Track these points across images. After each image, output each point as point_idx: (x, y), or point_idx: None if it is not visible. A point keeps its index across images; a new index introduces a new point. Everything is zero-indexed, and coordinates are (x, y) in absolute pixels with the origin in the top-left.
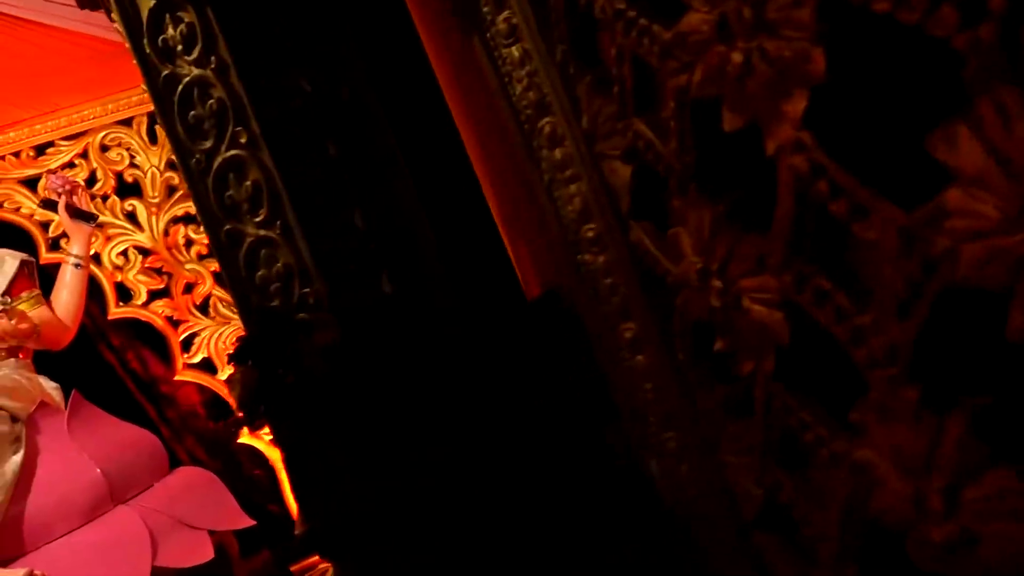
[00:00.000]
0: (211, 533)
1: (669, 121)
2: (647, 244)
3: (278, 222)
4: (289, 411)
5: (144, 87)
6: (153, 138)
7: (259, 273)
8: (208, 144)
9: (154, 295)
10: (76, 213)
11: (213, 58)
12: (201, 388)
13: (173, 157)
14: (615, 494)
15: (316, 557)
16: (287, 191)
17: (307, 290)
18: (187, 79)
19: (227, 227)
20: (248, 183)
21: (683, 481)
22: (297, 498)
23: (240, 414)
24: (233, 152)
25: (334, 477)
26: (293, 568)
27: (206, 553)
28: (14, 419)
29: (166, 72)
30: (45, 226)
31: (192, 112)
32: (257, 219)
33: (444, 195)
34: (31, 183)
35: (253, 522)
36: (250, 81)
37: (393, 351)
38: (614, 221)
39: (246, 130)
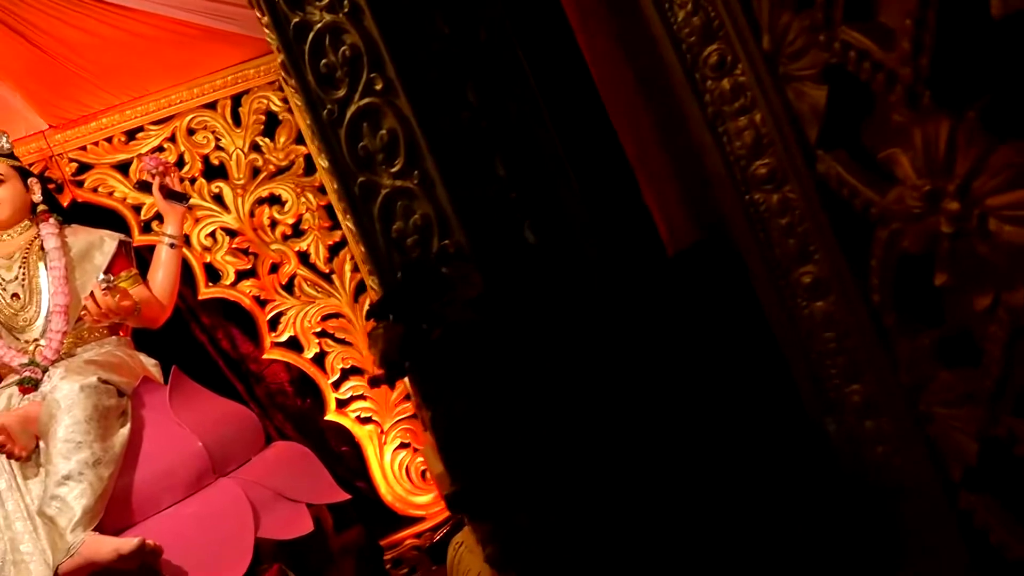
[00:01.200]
0: (308, 507)
1: (905, 19)
2: (842, 175)
3: (415, 172)
4: (435, 367)
5: (272, 38)
6: (237, 121)
7: (395, 226)
8: (341, 93)
9: (241, 275)
10: (170, 194)
11: (346, 2)
12: (288, 366)
13: (257, 139)
14: (785, 458)
15: (405, 532)
16: (425, 139)
17: (447, 241)
18: (319, 26)
19: (361, 179)
20: (383, 132)
21: (869, 439)
22: (444, 458)
23: (381, 371)
24: (367, 100)
25: (481, 436)
26: (383, 543)
27: (306, 525)
28: (120, 393)
29: (296, 20)
30: (137, 209)
31: (324, 60)
32: (393, 169)
33: (582, 141)
34: (123, 167)
35: (348, 496)
36: (385, 25)
37: (539, 303)
38: (796, 153)
39: (381, 76)
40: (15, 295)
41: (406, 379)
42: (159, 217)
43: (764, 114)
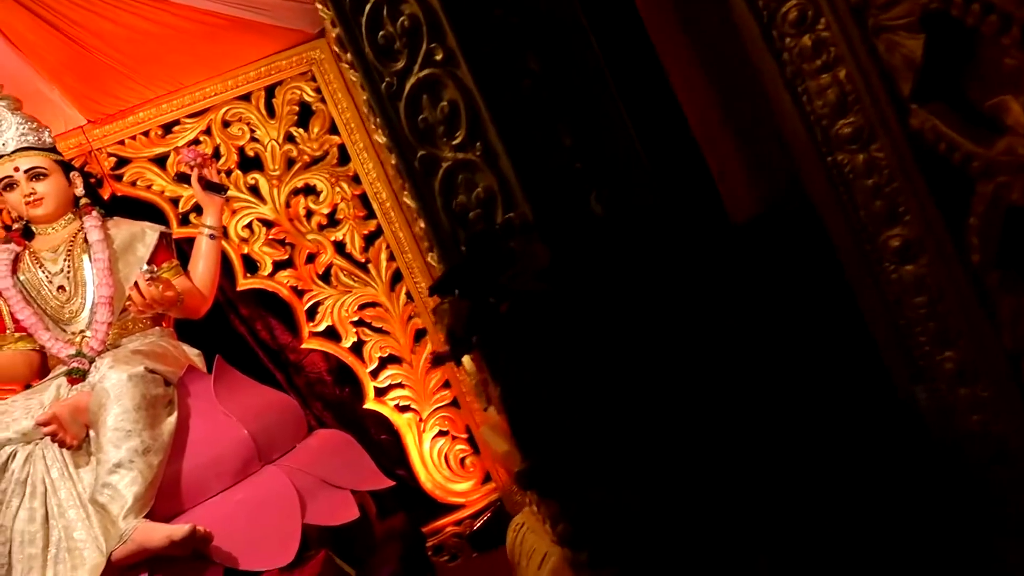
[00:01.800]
0: (352, 494)
1: None
2: (939, 128)
3: (478, 143)
4: (503, 341)
5: (326, 12)
6: (271, 112)
7: (457, 200)
8: (400, 65)
9: (278, 266)
10: (208, 185)
11: None
12: (327, 355)
13: (291, 130)
14: (871, 430)
15: (445, 519)
16: (487, 109)
17: (511, 214)
18: None
19: (421, 153)
20: (444, 104)
21: (963, 408)
22: (514, 434)
23: (446, 347)
24: (427, 71)
25: (552, 410)
26: (425, 529)
27: (351, 512)
28: (166, 383)
29: None
30: (175, 202)
31: (381, 32)
32: (454, 142)
33: (646, 108)
34: (160, 161)
35: (392, 483)
36: None
37: (607, 275)
38: (886, 108)
39: (441, 46)
40: (61, 287)
41: (473, 355)
42: (197, 209)
43: (850, 70)
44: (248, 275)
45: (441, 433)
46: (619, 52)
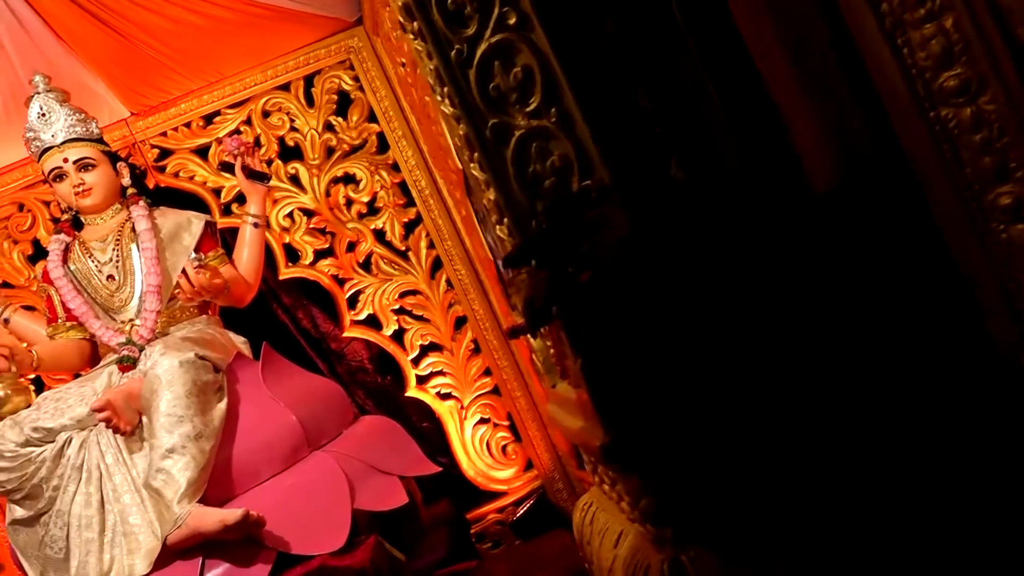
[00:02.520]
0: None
1: None
2: None
3: (553, 110)
4: (585, 311)
5: None
6: (310, 101)
7: (530, 169)
8: (470, 31)
9: (319, 255)
10: (251, 174)
11: None
12: (368, 343)
13: (330, 119)
14: (975, 399)
15: (487, 507)
16: (564, 73)
17: (588, 181)
18: None
19: (492, 121)
20: (517, 70)
21: None
22: (596, 406)
23: (522, 321)
24: (500, 36)
25: (636, 382)
26: (467, 516)
27: (400, 497)
28: (216, 369)
29: None
30: (217, 192)
31: None
32: (528, 108)
33: (725, 73)
34: (202, 152)
35: (439, 468)
36: None
37: (691, 242)
38: (1000, 57)
39: (514, 10)
40: (110, 276)
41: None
42: (239, 200)
43: (958, 17)
44: (290, 264)
45: (482, 420)
46: (697, 13)
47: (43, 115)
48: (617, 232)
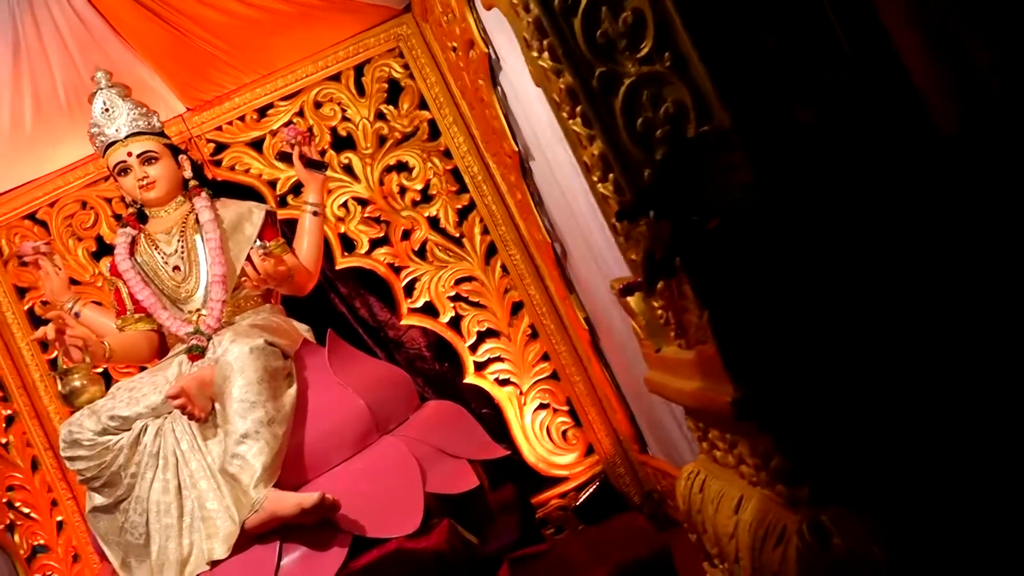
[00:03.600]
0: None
1: None
2: None
3: (666, 54)
4: (713, 261)
5: None
6: (361, 91)
7: (641, 118)
8: None
9: (375, 243)
10: (309, 163)
11: None
12: (425, 331)
13: (381, 108)
14: None
15: (549, 492)
16: (678, 14)
17: (706, 127)
18: None
19: (600, 71)
20: (626, 14)
21: None
22: (726, 362)
23: (641, 274)
24: None
25: (769, 335)
26: (537, 499)
27: (470, 480)
28: (284, 355)
29: None
30: (273, 184)
31: None
32: (639, 55)
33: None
34: (257, 144)
35: (507, 452)
36: None
37: (819, 187)
38: None
39: None
40: (176, 268)
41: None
42: (294, 191)
43: None
44: (346, 254)
45: (542, 406)
46: None
47: (107, 110)
48: (740, 178)
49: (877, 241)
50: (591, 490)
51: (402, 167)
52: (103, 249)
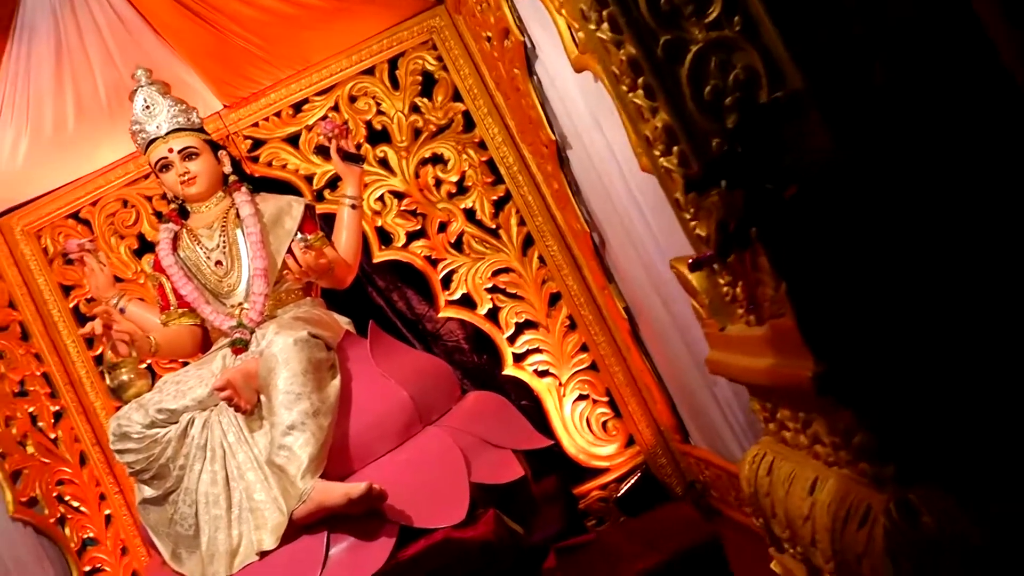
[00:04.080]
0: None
1: None
2: None
3: (735, 18)
4: (792, 230)
5: None
6: (395, 84)
7: (708, 87)
8: None
9: (411, 236)
10: (347, 156)
11: None
12: (463, 323)
13: (416, 100)
14: None
15: (590, 484)
16: None
17: (779, 93)
18: None
19: (665, 39)
20: None
21: None
22: (806, 334)
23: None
24: None
25: (851, 305)
26: (577, 490)
27: (515, 470)
28: (327, 347)
29: None
30: (310, 179)
31: None
32: (706, 20)
33: None
34: (293, 140)
35: (550, 441)
36: None
37: (900, 151)
38: None
39: None
40: (218, 262)
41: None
42: (331, 186)
43: None
44: (383, 247)
45: (581, 397)
46: None
47: (147, 107)
48: (819, 143)
49: (962, 205)
50: (632, 481)
51: (437, 159)
52: (144, 247)
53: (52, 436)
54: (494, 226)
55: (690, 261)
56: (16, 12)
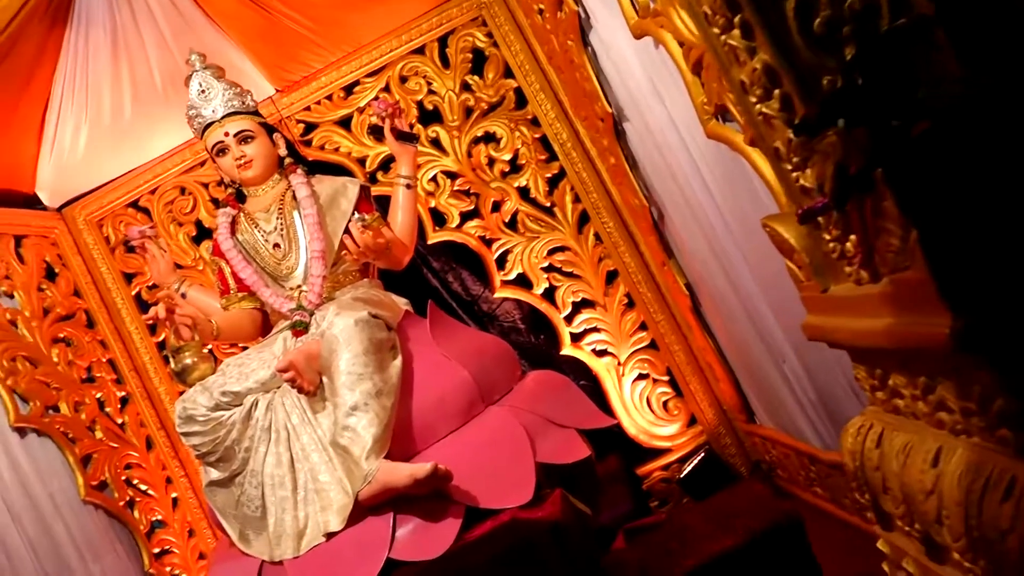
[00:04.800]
0: None
1: None
2: None
3: None
4: (925, 171)
5: None
6: (445, 62)
7: (818, 20)
8: None
9: (465, 216)
10: (401, 135)
11: None
12: (519, 303)
13: (466, 79)
14: None
15: (651, 464)
16: None
17: (902, 20)
18: None
19: None
20: None
21: None
22: (942, 287)
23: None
24: None
25: (994, 253)
26: (638, 471)
27: (581, 450)
28: (388, 327)
29: None
30: (362, 162)
31: None
32: None
33: None
34: (345, 123)
35: (614, 420)
36: None
37: None
38: None
39: None
40: (276, 245)
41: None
42: (383, 168)
43: None
44: (437, 228)
45: (641, 376)
46: None
47: (203, 92)
48: (948, 74)
49: None
50: (695, 462)
51: (490, 138)
52: (202, 233)
53: (119, 421)
54: (548, 204)
55: (799, 211)
56: (73, 2)
